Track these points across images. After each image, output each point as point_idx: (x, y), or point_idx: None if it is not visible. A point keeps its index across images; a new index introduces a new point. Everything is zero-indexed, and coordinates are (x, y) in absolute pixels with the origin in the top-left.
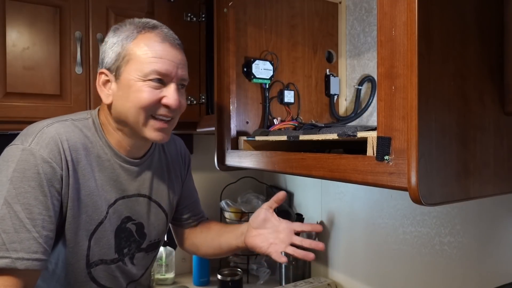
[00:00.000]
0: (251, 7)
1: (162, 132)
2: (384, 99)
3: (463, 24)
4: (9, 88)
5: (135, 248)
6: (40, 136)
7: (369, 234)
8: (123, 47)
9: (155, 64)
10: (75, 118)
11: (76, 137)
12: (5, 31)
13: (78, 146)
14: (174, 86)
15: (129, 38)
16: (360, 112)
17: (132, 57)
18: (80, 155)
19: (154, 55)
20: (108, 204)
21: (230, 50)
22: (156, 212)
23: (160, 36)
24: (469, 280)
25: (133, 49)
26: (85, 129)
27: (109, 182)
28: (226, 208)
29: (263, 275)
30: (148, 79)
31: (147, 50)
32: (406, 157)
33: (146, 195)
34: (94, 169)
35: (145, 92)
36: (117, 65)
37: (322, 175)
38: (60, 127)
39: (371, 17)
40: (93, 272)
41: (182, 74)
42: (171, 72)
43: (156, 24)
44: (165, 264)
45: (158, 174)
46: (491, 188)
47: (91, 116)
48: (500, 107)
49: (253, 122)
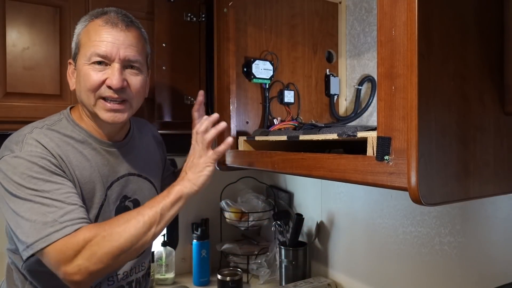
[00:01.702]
0: (251, 7)
1: (113, 112)
2: (384, 99)
3: (463, 24)
4: (9, 88)
5: None
6: (26, 143)
7: (369, 234)
8: (77, 37)
9: (94, 47)
10: (49, 123)
11: (57, 137)
12: (5, 31)
13: (62, 143)
14: (116, 66)
15: (81, 27)
16: (360, 112)
17: (80, 44)
18: (67, 150)
19: (95, 39)
20: (105, 187)
21: (230, 50)
22: (148, 187)
23: (104, 20)
24: (469, 280)
25: (82, 37)
26: (62, 129)
27: (102, 168)
28: (226, 208)
29: (263, 275)
30: (91, 62)
31: (90, 35)
32: (406, 157)
33: (136, 173)
34: (84, 159)
35: (88, 75)
36: (75, 53)
37: (322, 175)
38: (40, 132)
39: (371, 17)
40: None
41: (126, 55)
42: (110, 53)
43: (107, 10)
44: (165, 264)
45: (143, 153)
46: (491, 188)
47: (63, 115)
48: (500, 107)
49: (253, 122)
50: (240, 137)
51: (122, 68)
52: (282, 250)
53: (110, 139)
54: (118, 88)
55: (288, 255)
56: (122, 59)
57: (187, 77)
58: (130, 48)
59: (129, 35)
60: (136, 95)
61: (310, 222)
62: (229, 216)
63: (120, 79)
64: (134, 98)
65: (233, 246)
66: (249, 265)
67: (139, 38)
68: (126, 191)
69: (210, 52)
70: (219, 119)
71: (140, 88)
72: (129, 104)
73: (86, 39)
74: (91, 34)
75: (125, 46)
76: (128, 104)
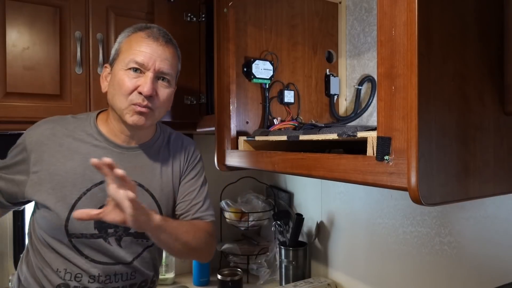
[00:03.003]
0: (251, 7)
1: (139, 115)
2: (384, 99)
3: (463, 24)
4: (9, 88)
5: (123, 231)
6: (35, 124)
7: (369, 234)
8: (118, 44)
9: (133, 55)
10: (76, 116)
11: (66, 126)
12: (5, 31)
13: (65, 133)
14: (150, 75)
15: (124, 36)
16: (360, 112)
17: (121, 51)
18: (63, 140)
19: (135, 48)
20: (92, 183)
21: (230, 50)
22: (147, 201)
23: (146, 33)
24: (469, 280)
25: (124, 45)
26: (79, 121)
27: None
28: (226, 208)
29: (263, 275)
30: (128, 68)
31: (132, 45)
32: (406, 157)
33: (136, 181)
34: (78, 152)
35: (124, 80)
36: (113, 59)
37: (322, 175)
38: (56, 118)
39: (371, 17)
40: (74, 242)
41: (160, 67)
42: (147, 63)
43: (150, 26)
44: (165, 264)
45: (152, 164)
46: (491, 188)
47: (91, 113)
48: (500, 107)
49: (253, 122)
50: (240, 137)
51: (154, 78)
52: (282, 250)
53: (124, 142)
54: (148, 95)
55: (288, 255)
56: (157, 70)
57: (187, 77)
58: (165, 61)
59: (166, 50)
60: (161, 105)
61: (310, 222)
62: (229, 216)
63: (151, 87)
64: (158, 107)
65: (233, 246)
66: (249, 265)
67: (174, 55)
68: None
69: (210, 52)
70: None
71: (166, 100)
72: (153, 112)
73: (127, 47)
74: (132, 43)
75: (161, 59)
76: (152, 112)
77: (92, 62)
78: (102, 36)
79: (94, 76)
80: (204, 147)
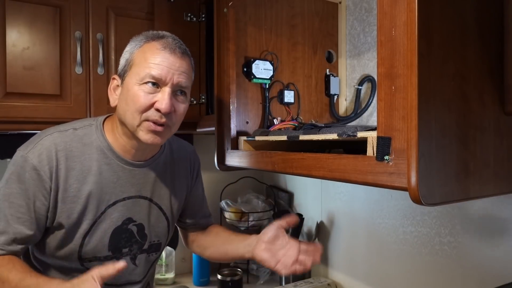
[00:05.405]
0: (251, 7)
1: (154, 135)
2: (384, 99)
3: (463, 24)
4: (9, 88)
5: (137, 249)
6: (37, 145)
7: (369, 234)
8: (130, 55)
9: (150, 69)
10: (77, 126)
11: (73, 146)
12: (5, 31)
13: (74, 154)
14: (167, 90)
15: (136, 46)
16: (360, 112)
17: (134, 63)
18: (74, 162)
19: (151, 61)
20: (106, 205)
21: (230, 50)
22: (157, 215)
23: (162, 44)
24: (469, 280)
25: (137, 56)
26: (85, 137)
27: (108, 184)
28: (226, 208)
29: (263, 275)
30: (143, 83)
31: (147, 57)
32: (406, 157)
33: (147, 197)
34: (90, 173)
35: (139, 96)
36: (124, 70)
37: (322, 175)
38: (58, 137)
39: (371, 17)
40: (85, 265)
41: (178, 81)
42: (165, 77)
43: (164, 35)
44: (165, 264)
45: (162, 178)
46: (491, 188)
47: (95, 123)
48: (500, 107)
49: (253, 122)
50: (240, 137)
51: (172, 93)
52: None
53: (133, 158)
54: (167, 113)
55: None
56: (175, 84)
57: None
58: (183, 74)
59: (183, 63)
60: (178, 121)
61: (310, 222)
62: (229, 216)
63: (170, 104)
64: (175, 123)
65: None
66: (249, 265)
67: (190, 67)
68: (132, 214)
69: (210, 52)
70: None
71: (182, 114)
72: (169, 129)
73: (142, 59)
74: (147, 55)
75: (179, 72)
76: (168, 129)
77: (92, 62)
78: (102, 36)
79: (94, 76)
80: (204, 147)
